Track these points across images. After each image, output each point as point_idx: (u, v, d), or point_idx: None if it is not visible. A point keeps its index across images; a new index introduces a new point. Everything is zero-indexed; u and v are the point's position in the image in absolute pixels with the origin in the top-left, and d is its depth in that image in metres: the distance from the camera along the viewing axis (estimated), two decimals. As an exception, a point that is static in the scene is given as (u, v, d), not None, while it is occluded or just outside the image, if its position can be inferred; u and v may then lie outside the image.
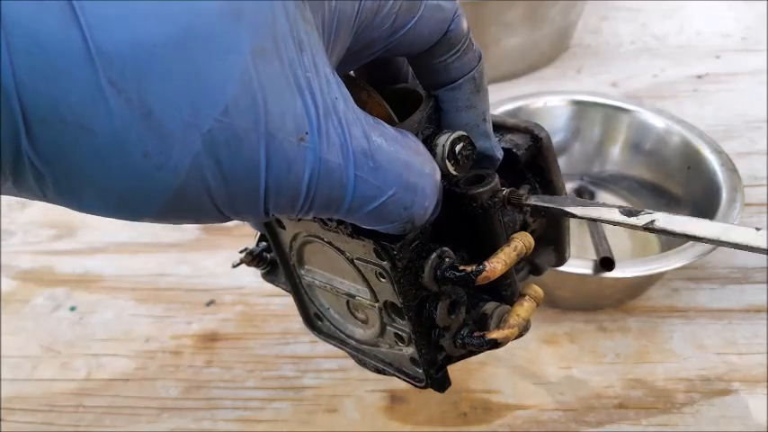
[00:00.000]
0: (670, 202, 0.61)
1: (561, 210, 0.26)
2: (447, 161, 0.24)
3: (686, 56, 0.91)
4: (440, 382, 0.28)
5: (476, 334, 0.26)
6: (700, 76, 0.86)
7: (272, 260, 0.33)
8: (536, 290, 0.28)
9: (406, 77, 0.28)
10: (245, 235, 0.67)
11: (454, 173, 0.24)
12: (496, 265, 0.24)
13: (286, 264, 0.31)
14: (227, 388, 0.52)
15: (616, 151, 0.66)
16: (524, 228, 0.30)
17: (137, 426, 0.50)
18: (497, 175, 0.26)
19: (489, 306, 0.27)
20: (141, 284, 0.62)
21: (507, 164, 0.28)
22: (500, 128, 0.29)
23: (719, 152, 0.57)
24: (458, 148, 0.24)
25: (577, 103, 0.66)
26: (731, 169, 0.55)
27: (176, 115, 0.16)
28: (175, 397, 0.52)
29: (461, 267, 0.24)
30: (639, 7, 1.04)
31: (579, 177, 0.67)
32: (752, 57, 0.89)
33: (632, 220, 0.24)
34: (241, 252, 0.33)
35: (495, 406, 0.49)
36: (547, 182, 0.30)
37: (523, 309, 0.27)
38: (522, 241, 0.26)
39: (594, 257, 0.49)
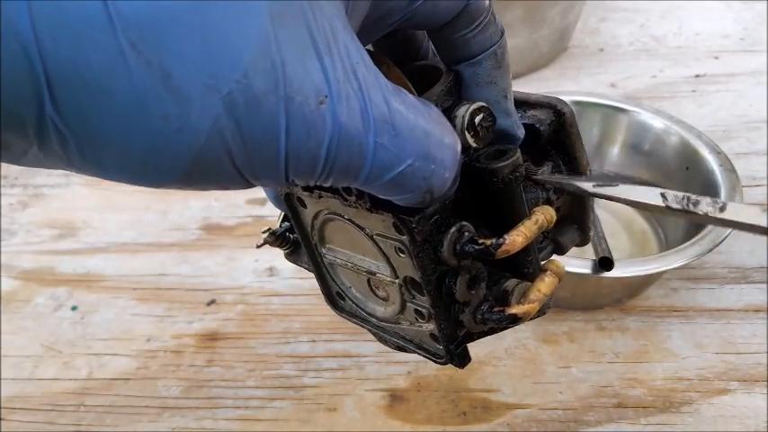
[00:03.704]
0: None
1: (562, 183, 0.26)
2: (467, 132, 0.24)
3: (685, 56, 0.91)
4: (460, 357, 0.28)
5: (496, 309, 0.26)
6: (698, 76, 0.86)
7: (295, 240, 0.33)
8: (558, 265, 0.27)
9: (426, 54, 0.28)
10: (245, 235, 0.67)
11: (474, 144, 0.24)
12: (516, 237, 0.24)
13: (308, 243, 0.31)
14: (227, 387, 0.52)
15: (615, 151, 0.66)
16: (548, 204, 0.29)
17: (138, 425, 0.50)
18: (519, 150, 0.25)
19: (510, 283, 0.27)
20: (142, 284, 0.63)
21: (530, 140, 0.28)
22: (523, 103, 0.29)
23: (718, 152, 0.57)
24: (477, 119, 0.24)
25: (576, 103, 0.66)
26: (729, 169, 0.55)
27: (195, 78, 0.16)
28: (176, 396, 0.52)
29: (481, 241, 0.24)
30: (638, 8, 1.04)
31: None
32: (750, 57, 0.89)
33: (656, 201, 0.23)
34: (264, 232, 0.33)
35: (494, 405, 0.49)
36: (570, 158, 0.29)
37: (545, 284, 0.26)
38: (544, 214, 0.25)
39: (593, 257, 0.49)
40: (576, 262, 0.48)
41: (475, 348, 0.53)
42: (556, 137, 0.28)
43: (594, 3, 1.05)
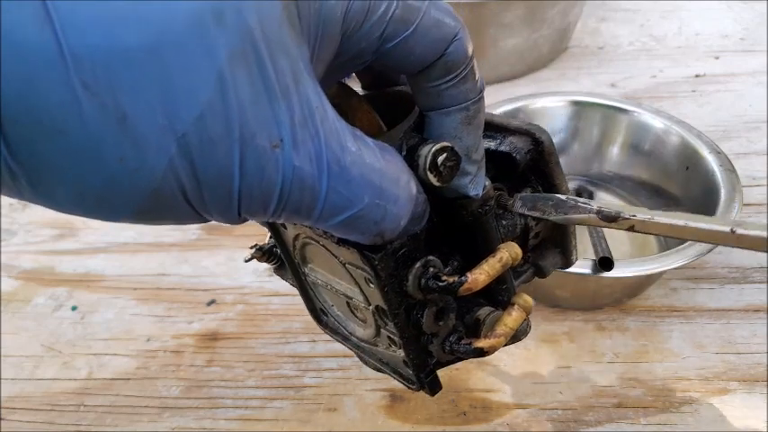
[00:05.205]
0: (669, 203, 0.61)
1: (541, 217, 0.26)
2: (429, 173, 0.23)
3: (685, 56, 0.91)
4: (430, 385, 0.29)
5: (463, 341, 0.26)
6: (698, 76, 0.86)
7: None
8: (526, 299, 0.28)
9: (404, 80, 0.28)
10: (245, 235, 0.67)
11: (437, 184, 0.24)
12: (479, 276, 0.24)
13: (291, 261, 0.32)
14: (227, 387, 0.52)
15: (615, 151, 0.66)
16: (526, 231, 0.30)
17: (138, 425, 0.50)
18: (490, 182, 0.26)
19: (483, 311, 0.27)
20: (142, 284, 0.63)
21: (508, 167, 0.28)
22: (501, 129, 0.29)
23: (718, 152, 0.57)
24: (440, 159, 0.23)
25: (576, 103, 0.66)
26: (729, 169, 0.55)
27: (151, 119, 0.16)
28: (176, 396, 0.52)
29: (444, 278, 0.24)
30: (638, 8, 1.04)
31: (578, 178, 0.68)
32: (750, 57, 0.89)
33: (613, 226, 0.24)
34: (251, 248, 0.34)
35: (494, 405, 0.49)
36: (549, 185, 0.29)
37: (511, 319, 0.27)
38: (509, 252, 0.26)
39: (593, 257, 0.49)
40: (577, 262, 0.48)
41: (475, 348, 0.53)
42: (535, 165, 0.29)
43: (594, 3, 1.05)
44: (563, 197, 0.27)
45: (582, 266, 0.48)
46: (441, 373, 0.29)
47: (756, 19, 0.98)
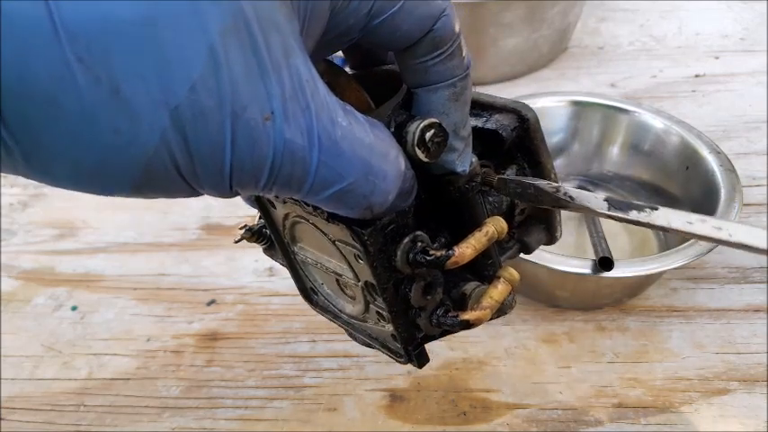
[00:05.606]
0: (669, 203, 0.61)
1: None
2: (417, 149, 0.24)
3: (685, 56, 0.91)
4: (418, 358, 0.29)
5: (450, 314, 0.27)
6: (698, 76, 0.86)
7: (271, 236, 0.34)
8: (511, 273, 0.28)
9: (392, 59, 0.28)
10: (245, 235, 0.67)
11: (425, 160, 0.24)
12: (465, 250, 0.25)
13: (281, 241, 0.32)
14: (227, 387, 0.52)
15: (615, 152, 0.66)
16: (512, 207, 0.30)
17: (138, 425, 0.50)
18: (476, 159, 0.26)
19: (469, 286, 0.27)
20: (142, 284, 0.63)
21: (494, 144, 0.28)
22: (488, 107, 0.29)
23: (718, 152, 0.57)
24: (428, 135, 0.24)
25: (576, 103, 0.66)
26: (729, 169, 0.55)
27: (145, 92, 0.16)
28: (176, 396, 0.52)
29: (432, 252, 0.25)
30: (638, 8, 1.04)
31: (578, 178, 0.68)
32: (750, 57, 0.89)
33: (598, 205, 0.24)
34: (241, 229, 0.34)
35: (494, 405, 0.49)
36: (535, 162, 0.30)
37: (497, 291, 0.27)
38: (494, 226, 0.26)
39: (593, 257, 0.49)
40: (576, 262, 0.48)
41: (475, 348, 0.53)
42: (521, 142, 0.29)
43: (594, 3, 1.05)
44: (542, 184, 0.27)
45: (582, 266, 0.48)
46: (441, 373, 0.29)
47: (756, 19, 0.98)
